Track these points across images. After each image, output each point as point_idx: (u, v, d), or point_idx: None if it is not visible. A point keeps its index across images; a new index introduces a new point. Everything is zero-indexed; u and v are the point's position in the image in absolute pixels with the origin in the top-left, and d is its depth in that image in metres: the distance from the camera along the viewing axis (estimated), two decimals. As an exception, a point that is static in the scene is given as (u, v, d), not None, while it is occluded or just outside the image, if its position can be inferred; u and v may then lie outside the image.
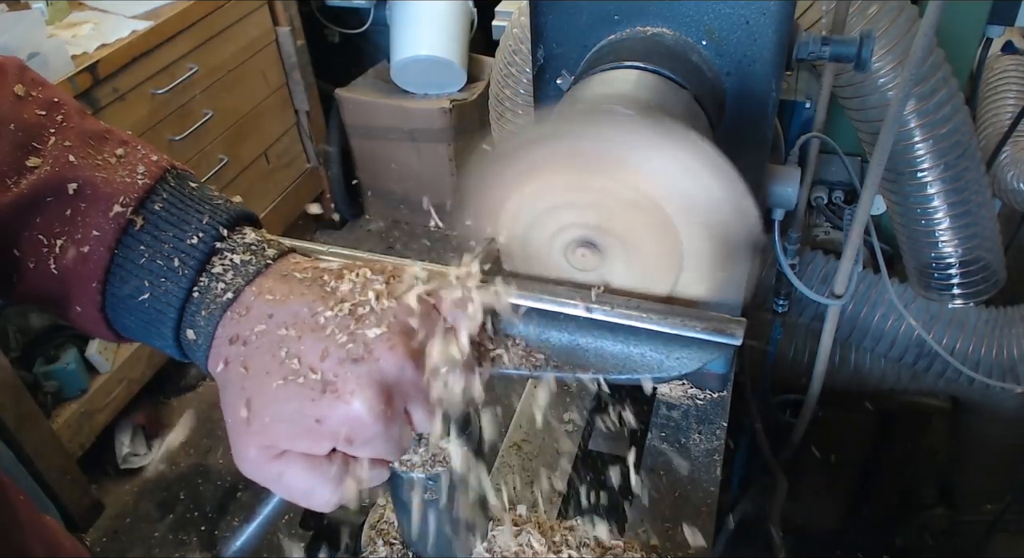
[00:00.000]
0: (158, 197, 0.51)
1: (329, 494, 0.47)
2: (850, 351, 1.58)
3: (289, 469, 0.47)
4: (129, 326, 0.52)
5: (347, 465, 0.47)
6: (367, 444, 0.46)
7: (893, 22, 1.21)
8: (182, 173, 0.54)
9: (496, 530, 0.72)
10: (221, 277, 0.49)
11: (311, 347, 0.46)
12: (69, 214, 0.49)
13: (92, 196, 0.50)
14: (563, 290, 0.57)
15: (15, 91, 0.52)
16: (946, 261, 1.39)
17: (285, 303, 0.48)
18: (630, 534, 0.86)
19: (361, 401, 0.45)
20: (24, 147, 0.50)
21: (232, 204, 0.53)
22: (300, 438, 0.46)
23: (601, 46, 0.87)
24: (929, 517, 1.98)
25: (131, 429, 2.32)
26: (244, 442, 0.47)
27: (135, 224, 0.50)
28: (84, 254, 0.49)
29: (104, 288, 0.50)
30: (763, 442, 1.59)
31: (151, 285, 0.49)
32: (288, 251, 0.53)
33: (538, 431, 1.01)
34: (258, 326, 0.47)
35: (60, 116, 0.53)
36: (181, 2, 2.24)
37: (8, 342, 2.02)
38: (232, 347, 0.48)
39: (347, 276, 0.50)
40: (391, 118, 2.87)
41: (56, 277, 0.50)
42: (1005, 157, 1.45)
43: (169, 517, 2.21)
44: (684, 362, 0.54)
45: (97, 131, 0.53)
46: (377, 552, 0.73)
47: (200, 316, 0.49)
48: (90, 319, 0.51)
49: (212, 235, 0.50)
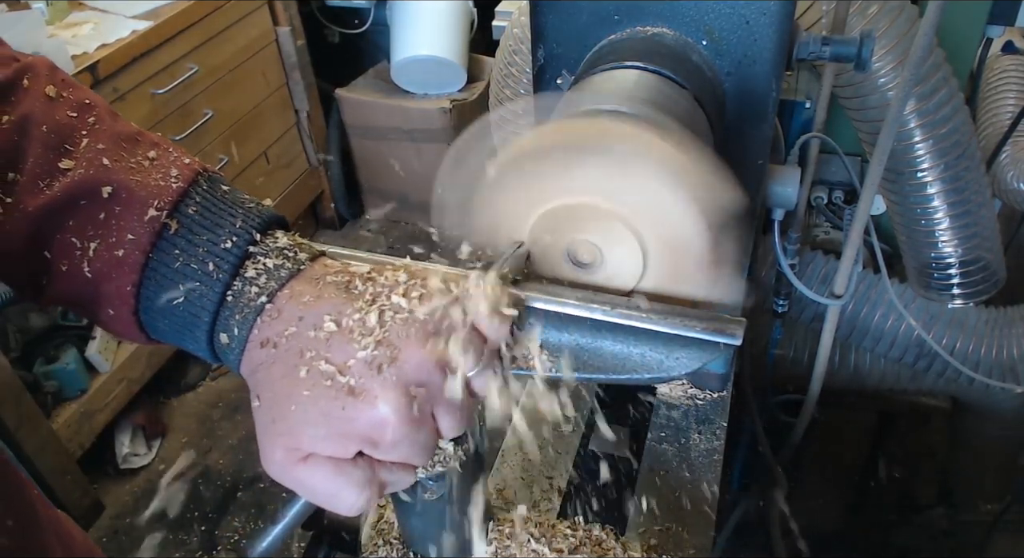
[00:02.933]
0: (191, 201, 0.51)
1: (354, 498, 0.47)
2: (850, 351, 1.58)
3: (315, 472, 0.46)
4: (161, 329, 0.52)
5: (373, 469, 0.47)
6: (393, 448, 0.46)
7: (893, 22, 1.21)
8: (213, 176, 0.54)
9: (496, 530, 0.72)
10: (254, 281, 0.50)
11: (339, 350, 0.46)
12: (103, 217, 0.49)
13: (127, 199, 0.49)
14: (565, 290, 0.57)
15: (46, 92, 0.52)
16: (946, 261, 1.39)
17: (315, 306, 0.48)
18: (630, 534, 0.86)
19: (387, 404, 0.45)
20: (56, 149, 0.50)
21: (263, 208, 0.53)
22: (326, 441, 0.46)
23: (601, 46, 0.87)
24: (929, 517, 1.98)
25: (131, 429, 2.32)
26: (271, 444, 0.47)
27: (170, 228, 0.50)
28: (119, 257, 0.49)
29: (138, 291, 0.50)
30: (763, 442, 1.59)
31: (186, 289, 0.49)
32: (319, 255, 0.53)
33: (538, 431, 1.01)
34: (289, 329, 0.48)
35: (92, 118, 0.52)
36: (181, 2, 2.24)
37: (8, 342, 2.02)
38: (263, 350, 0.48)
39: (376, 279, 0.50)
40: (391, 118, 2.88)
41: (89, 280, 0.50)
42: (1005, 157, 1.45)
43: (169, 517, 2.21)
44: (684, 362, 0.54)
45: (129, 133, 0.53)
46: (377, 552, 0.73)
47: (234, 320, 0.49)
48: (122, 322, 0.51)
49: (246, 239, 0.51)
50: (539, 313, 0.55)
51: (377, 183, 3.16)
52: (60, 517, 0.59)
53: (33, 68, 0.53)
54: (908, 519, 2.00)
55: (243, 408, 2.53)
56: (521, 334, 0.55)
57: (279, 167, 2.81)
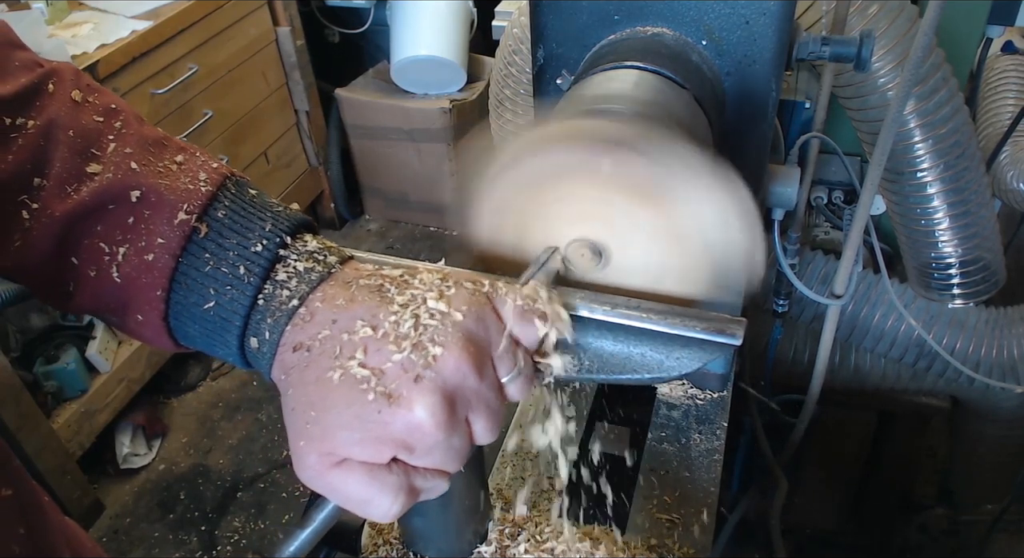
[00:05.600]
0: (220, 204, 0.51)
1: (388, 504, 0.46)
2: (850, 351, 1.58)
3: (349, 477, 0.45)
4: (192, 335, 0.51)
5: (407, 475, 0.46)
6: (428, 453, 0.46)
7: (893, 22, 1.21)
8: (240, 180, 0.54)
9: (496, 530, 0.72)
10: (285, 284, 0.49)
11: (374, 354, 0.46)
12: (131, 221, 0.49)
13: (156, 203, 0.49)
14: (566, 291, 0.57)
15: (72, 97, 0.52)
16: (946, 261, 1.39)
17: (348, 309, 0.47)
18: (630, 534, 0.86)
19: (423, 408, 0.44)
20: (83, 153, 0.50)
21: (291, 211, 0.53)
22: (360, 445, 0.45)
23: (601, 46, 0.87)
24: (929, 517, 1.98)
25: (131, 429, 2.33)
26: (304, 449, 0.46)
27: (200, 231, 0.50)
28: (148, 262, 0.49)
29: (168, 296, 0.49)
30: (763, 442, 1.59)
31: (216, 293, 0.49)
32: (349, 258, 0.53)
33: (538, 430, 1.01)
34: (322, 332, 0.47)
35: (118, 122, 0.52)
36: (181, 2, 2.24)
37: (8, 342, 2.02)
38: (295, 354, 0.47)
39: (410, 282, 0.50)
40: (391, 118, 2.88)
41: (118, 285, 0.49)
42: (1005, 157, 1.45)
43: (169, 517, 2.21)
44: (684, 362, 0.54)
45: (156, 138, 0.53)
46: (377, 552, 0.73)
47: (265, 323, 0.49)
48: (151, 328, 0.51)
49: (276, 242, 0.50)
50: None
51: (377, 183, 3.16)
52: (69, 523, 0.59)
53: (58, 73, 0.53)
54: (908, 519, 2.00)
55: (243, 408, 2.53)
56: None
57: (279, 167, 2.81)
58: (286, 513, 2.22)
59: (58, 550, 0.53)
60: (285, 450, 2.39)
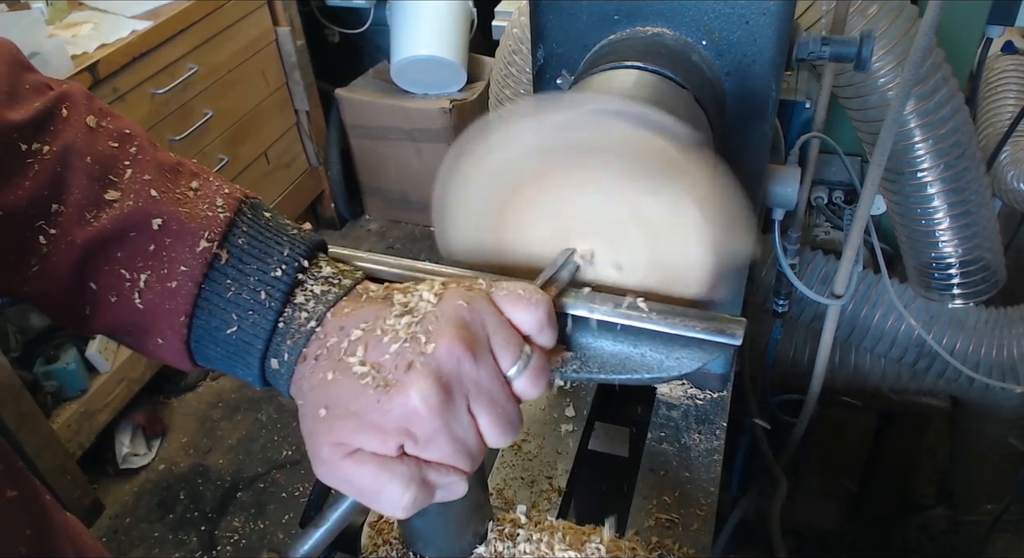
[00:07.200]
0: (239, 230, 0.52)
1: (399, 494, 0.47)
2: (850, 351, 1.58)
3: (361, 467, 0.47)
4: (212, 357, 0.53)
5: (419, 467, 0.47)
6: (429, 441, 0.46)
7: (893, 22, 1.21)
8: (255, 202, 0.55)
9: (496, 531, 0.72)
10: (303, 306, 0.51)
11: (373, 349, 0.47)
12: (152, 249, 0.50)
13: (177, 231, 0.50)
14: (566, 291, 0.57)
15: (87, 122, 0.52)
16: (946, 261, 1.39)
17: (354, 316, 0.50)
18: (630, 534, 0.86)
19: (416, 392, 0.45)
20: (101, 180, 0.51)
21: (305, 233, 0.55)
22: (366, 433, 0.46)
23: (601, 46, 0.87)
24: (929, 517, 1.98)
25: (131, 429, 2.33)
26: (317, 443, 0.48)
27: (220, 258, 0.51)
28: (171, 289, 0.50)
29: (191, 321, 0.51)
30: (763, 442, 1.59)
31: (239, 318, 0.51)
32: (362, 279, 0.54)
33: (538, 431, 1.01)
34: (331, 340, 0.49)
35: (133, 148, 0.53)
36: (181, 2, 2.24)
37: (8, 342, 2.02)
38: (306, 364, 0.50)
39: (414, 288, 0.51)
40: (391, 118, 2.88)
41: (140, 311, 0.51)
42: (1005, 157, 1.45)
43: (169, 517, 2.21)
44: (684, 362, 0.54)
45: (171, 163, 0.54)
46: (377, 552, 0.73)
47: (285, 345, 0.51)
48: (172, 350, 0.52)
49: (295, 267, 0.52)
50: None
51: (377, 183, 3.16)
52: (71, 521, 0.59)
53: (70, 97, 0.53)
54: (908, 519, 2.00)
55: (243, 408, 2.53)
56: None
57: (279, 167, 2.81)
58: (286, 513, 2.22)
59: (62, 550, 0.54)
60: (285, 450, 2.39)
